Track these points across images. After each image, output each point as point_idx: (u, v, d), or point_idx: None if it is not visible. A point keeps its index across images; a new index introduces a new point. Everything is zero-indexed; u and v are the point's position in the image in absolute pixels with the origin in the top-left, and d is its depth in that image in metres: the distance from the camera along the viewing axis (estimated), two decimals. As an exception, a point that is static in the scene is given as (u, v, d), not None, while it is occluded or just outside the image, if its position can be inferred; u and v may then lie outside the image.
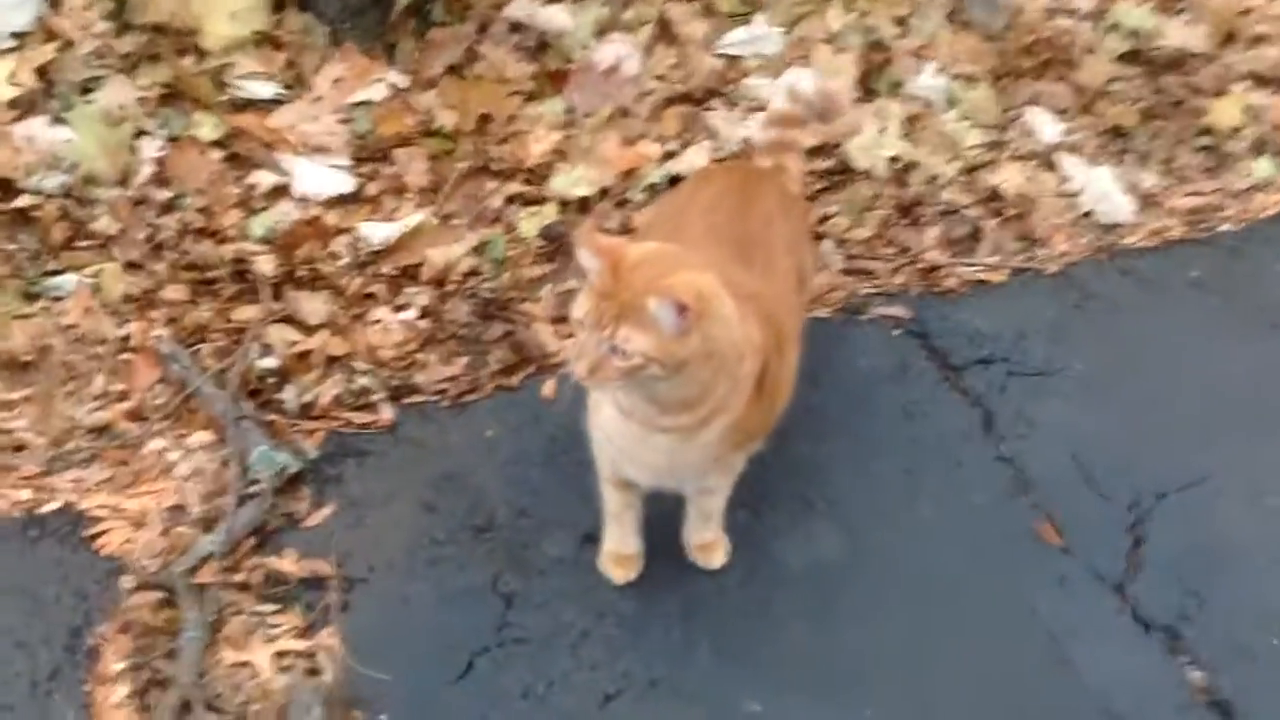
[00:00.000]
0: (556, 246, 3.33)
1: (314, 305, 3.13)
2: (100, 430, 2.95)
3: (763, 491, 2.75)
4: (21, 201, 3.12)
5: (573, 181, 3.44)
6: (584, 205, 3.43)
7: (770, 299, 2.38)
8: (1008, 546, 2.73)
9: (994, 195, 3.53)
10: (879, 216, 3.46)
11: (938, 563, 2.70)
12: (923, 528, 2.79)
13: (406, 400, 3.03)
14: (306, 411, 2.99)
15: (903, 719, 2.48)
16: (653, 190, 3.37)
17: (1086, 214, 3.55)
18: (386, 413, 3.00)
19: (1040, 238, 3.48)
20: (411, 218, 3.28)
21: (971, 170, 3.57)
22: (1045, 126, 3.68)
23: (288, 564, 2.69)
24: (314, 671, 2.46)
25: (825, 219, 3.42)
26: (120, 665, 2.51)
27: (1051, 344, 3.14)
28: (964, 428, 2.94)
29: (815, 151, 3.44)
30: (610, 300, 2.02)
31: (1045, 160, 3.64)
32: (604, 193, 3.45)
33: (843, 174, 3.53)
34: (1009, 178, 3.55)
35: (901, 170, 3.55)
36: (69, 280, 3.08)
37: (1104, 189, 3.56)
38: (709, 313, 2.03)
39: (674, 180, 3.33)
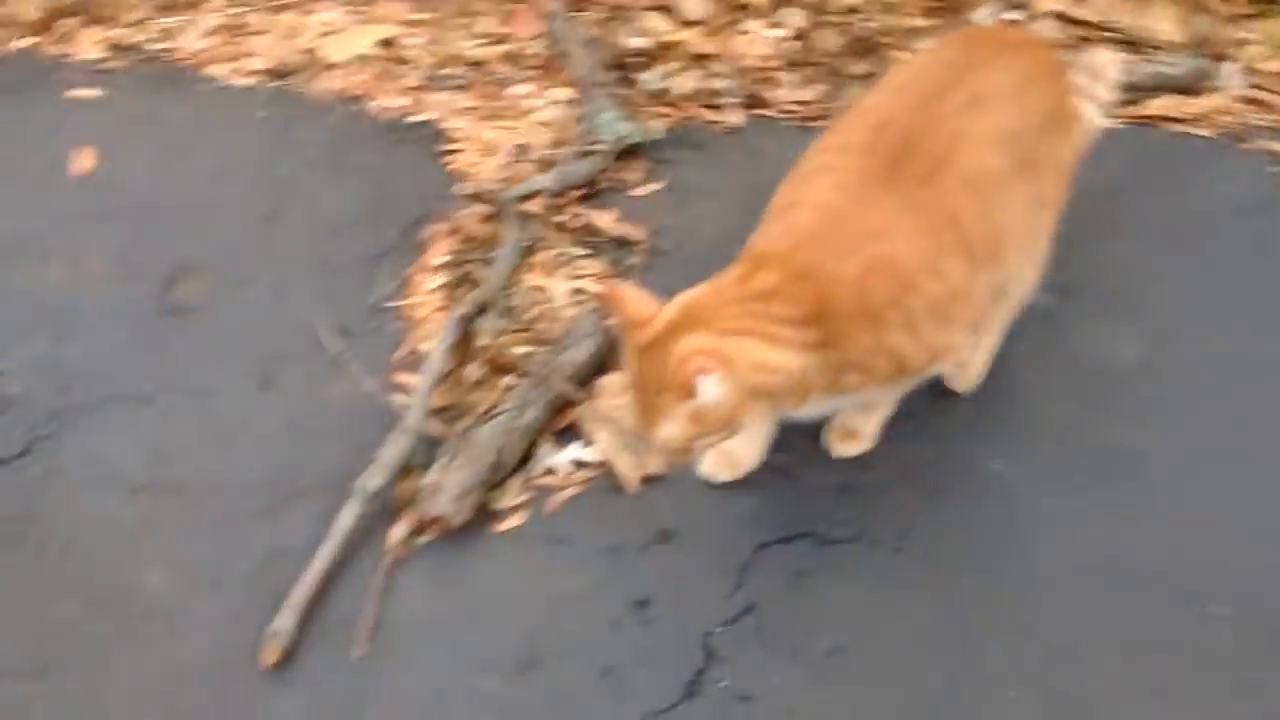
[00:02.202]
0: (944, 2, 3.29)
1: (693, 3, 3.23)
2: (478, 64, 3.20)
3: (1074, 281, 2.68)
4: None
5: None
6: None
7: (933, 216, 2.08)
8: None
9: None
10: (1298, 53, 3.24)
11: (1238, 390, 2.58)
12: (1234, 358, 2.63)
13: (756, 111, 3.12)
14: (660, 97, 3.13)
15: (1176, 505, 2.41)
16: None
17: None
18: (735, 116, 3.11)
19: None
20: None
21: None
22: None
23: (606, 220, 2.86)
24: (602, 315, 2.63)
25: (1241, 43, 3.24)
26: (441, 259, 2.77)
27: None
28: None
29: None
30: (639, 394, 1.98)
31: None
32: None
33: (1271, 3, 3.31)
34: None
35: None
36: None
37: None
38: (732, 369, 1.92)
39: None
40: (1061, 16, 3.32)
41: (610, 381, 2.50)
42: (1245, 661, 2.16)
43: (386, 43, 3.24)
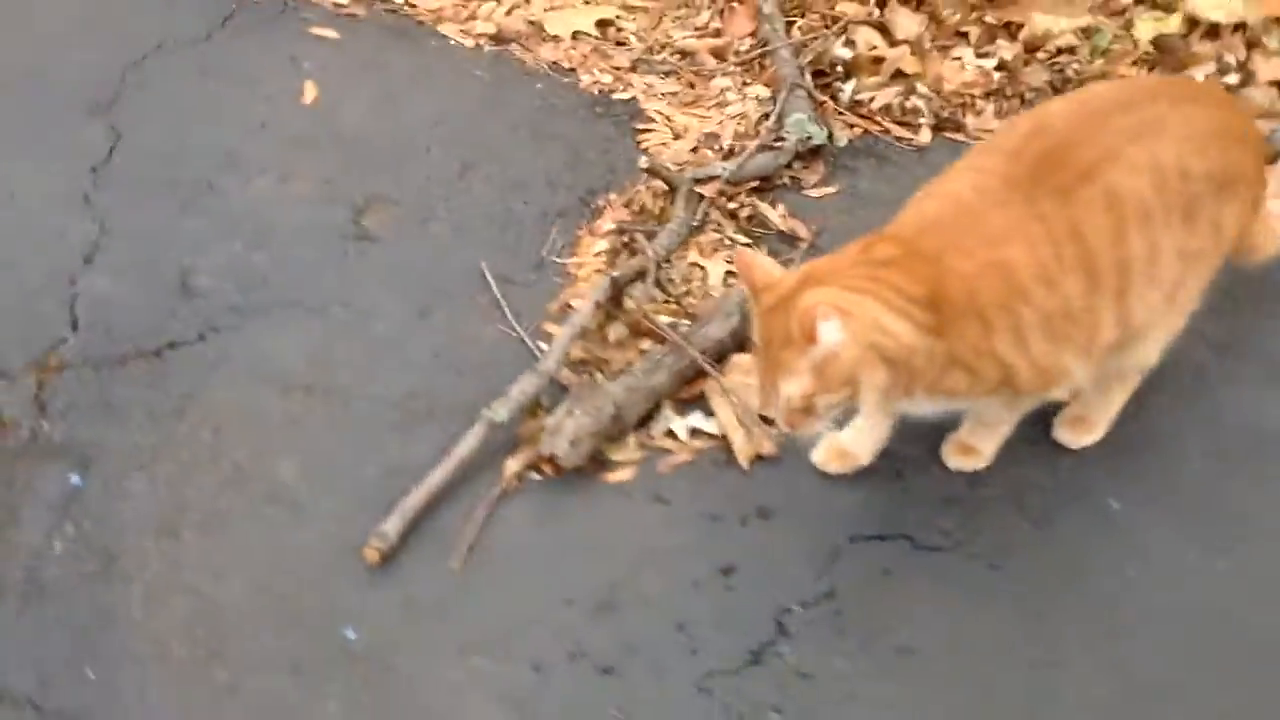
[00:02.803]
0: (1162, 58, 3.26)
1: (908, 23, 3.31)
2: (686, 54, 3.33)
3: (1233, 340, 2.67)
4: None
5: (1213, 4, 3.32)
6: (1212, 31, 3.30)
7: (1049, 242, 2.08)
8: None
9: None
10: None
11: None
12: None
13: (946, 133, 3.15)
14: (855, 107, 3.20)
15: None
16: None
17: None
18: (924, 135, 3.15)
19: None
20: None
21: None
22: None
23: (775, 214, 2.95)
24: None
25: None
26: (610, 225, 2.89)
27: None
28: None
29: None
30: (764, 354, 2.03)
31: None
32: (1241, 27, 3.30)
33: None
34: None
35: None
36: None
37: None
38: (851, 320, 1.95)
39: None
40: (1280, 86, 3.23)
41: (741, 360, 2.56)
42: None
43: (605, 23, 3.40)
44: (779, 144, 3.03)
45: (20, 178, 2.98)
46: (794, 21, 3.34)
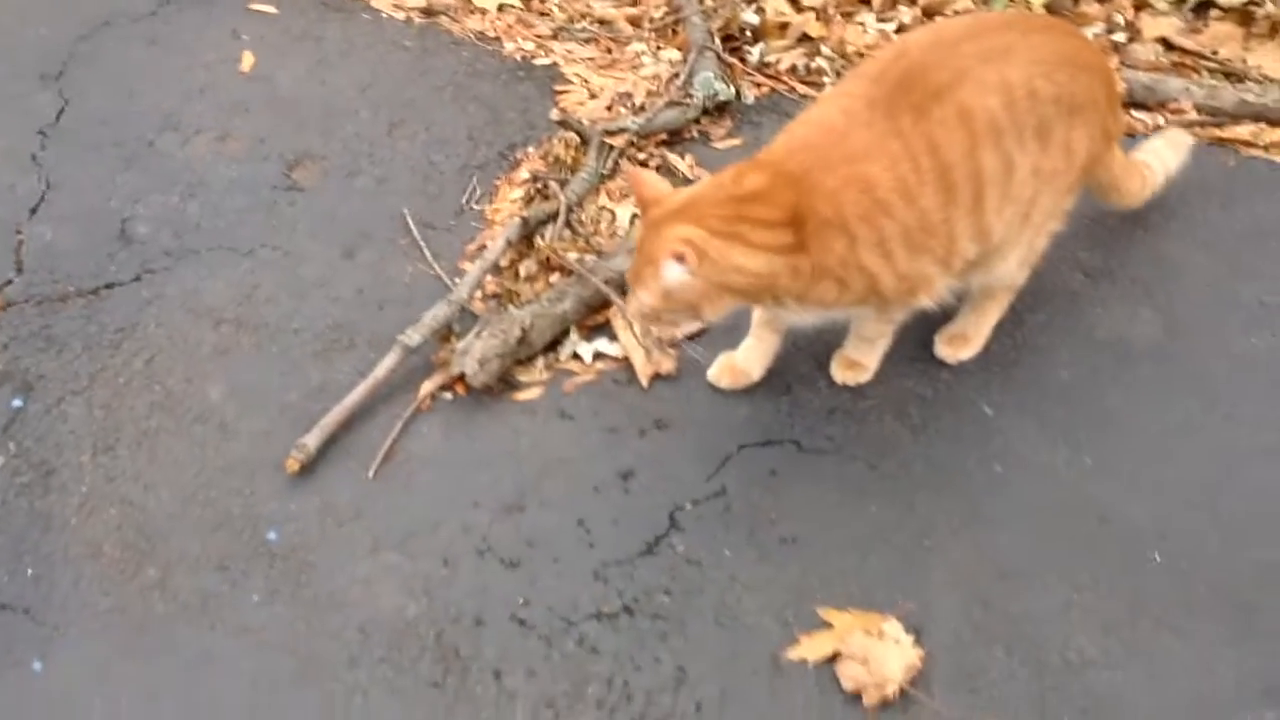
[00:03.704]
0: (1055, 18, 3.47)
1: (814, -10, 3.50)
2: (605, 22, 3.53)
3: (1105, 266, 2.87)
4: None
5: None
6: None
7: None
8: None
9: None
10: None
11: (1235, 382, 2.70)
12: (1241, 355, 2.76)
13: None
14: (763, 69, 3.40)
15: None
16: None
17: None
18: (828, 91, 3.34)
19: None
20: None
21: None
22: None
23: (683, 163, 3.15)
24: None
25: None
26: (525, 174, 3.08)
27: None
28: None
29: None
30: (636, 260, 2.23)
31: None
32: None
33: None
34: None
35: None
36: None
37: None
38: (705, 261, 2.15)
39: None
40: (1166, 43, 3.44)
41: (642, 288, 2.75)
42: (1175, 608, 2.30)
43: (530, -4, 3.60)
44: (687, 100, 3.21)
45: (-29, 139, 3.17)
46: (703, -11, 3.51)
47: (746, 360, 2.60)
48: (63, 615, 2.29)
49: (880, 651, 2.23)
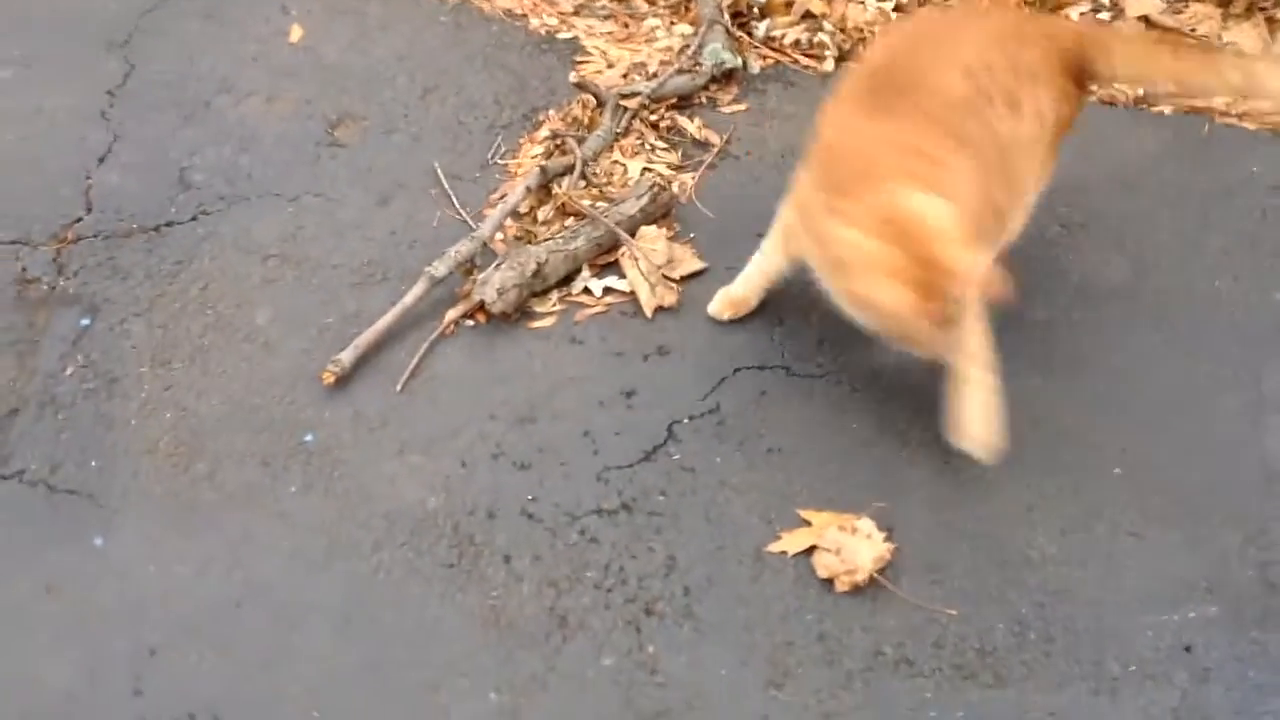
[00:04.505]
0: (1039, 3, 3.73)
1: (819, -30, 3.77)
2: (623, 0, 3.80)
3: (1081, 220, 3.14)
4: None
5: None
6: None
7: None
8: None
9: None
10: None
11: (1196, 320, 2.94)
12: (1204, 296, 3.01)
13: (848, 63, 3.61)
14: (768, 42, 3.68)
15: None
16: None
17: None
18: (829, 65, 3.62)
19: None
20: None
21: None
22: None
23: (692, 125, 3.42)
24: (662, 188, 3.18)
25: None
26: (546, 132, 3.37)
27: None
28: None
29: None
30: None
31: None
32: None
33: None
34: None
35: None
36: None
37: None
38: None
39: None
40: (1147, 21, 3.69)
41: (649, 230, 3.03)
42: (1131, 513, 2.57)
43: (554, -23, 3.89)
44: (696, 69, 3.49)
45: (49, 97, 3.48)
46: (715, -29, 3.79)
47: (745, 288, 2.87)
48: (123, 500, 2.58)
49: (853, 544, 2.48)
